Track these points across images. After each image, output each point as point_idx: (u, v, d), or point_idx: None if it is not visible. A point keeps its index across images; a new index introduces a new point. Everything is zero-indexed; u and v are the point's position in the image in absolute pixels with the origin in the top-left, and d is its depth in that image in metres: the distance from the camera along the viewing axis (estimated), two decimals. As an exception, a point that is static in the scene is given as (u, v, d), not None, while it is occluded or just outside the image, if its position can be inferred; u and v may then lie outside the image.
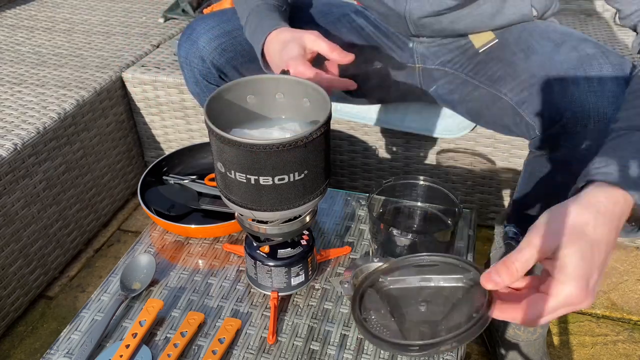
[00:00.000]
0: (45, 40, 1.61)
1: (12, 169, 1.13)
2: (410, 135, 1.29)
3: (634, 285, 1.27)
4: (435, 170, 1.35)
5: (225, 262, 0.93)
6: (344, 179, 1.46)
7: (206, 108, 0.68)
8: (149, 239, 0.99)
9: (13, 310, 1.20)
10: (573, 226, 0.53)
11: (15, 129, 1.18)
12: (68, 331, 0.82)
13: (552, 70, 0.80)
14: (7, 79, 1.39)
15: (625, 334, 1.16)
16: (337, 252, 0.94)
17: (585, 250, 0.53)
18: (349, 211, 1.03)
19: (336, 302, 0.86)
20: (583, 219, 0.54)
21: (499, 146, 1.27)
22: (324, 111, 0.68)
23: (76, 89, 1.34)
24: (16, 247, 1.17)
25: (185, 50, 0.99)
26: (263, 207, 0.70)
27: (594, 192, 0.56)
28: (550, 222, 0.54)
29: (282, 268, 0.83)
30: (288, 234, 0.79)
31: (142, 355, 0.77)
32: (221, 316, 0.84)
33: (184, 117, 1.48)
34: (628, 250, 1.35)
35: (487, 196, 1.37)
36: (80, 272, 1.35)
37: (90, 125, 1.35)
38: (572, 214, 0.54)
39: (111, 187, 1.48)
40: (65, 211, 1.31)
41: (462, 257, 0.70)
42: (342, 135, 1.37)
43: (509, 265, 0.53)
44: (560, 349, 1.13)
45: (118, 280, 0.88)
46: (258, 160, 0.64)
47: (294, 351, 0.79)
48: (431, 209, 1.02)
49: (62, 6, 1.86)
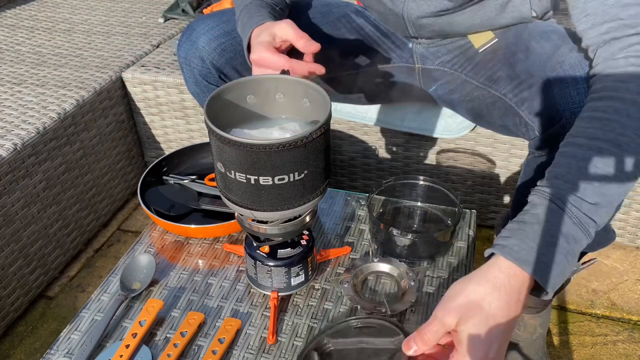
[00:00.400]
0: (45, 40, 1.61)
1: (12, 169, 1.13)
2: (410, 135, 1.29)
3: (634, 285, 1.27)
4: (435, 170, 1.35)
5: (225, 262, 0.93)
6: (344, 179, 1.46)
7: (206, 108, 0.68)
8: (149, 239, 0.99)
9: (13, 310, 1.20)
10: (469, 302, 0.59)
11: (15, 129, 1.18)
12: (68, 331, 0.82)
13: (552, 71, 0.80)
14: (7, 79, 1.39)
15: (625, 334, 1.16)
16: (337, 252, 0.94)
17: (480, 325, 0.58)
18: (349, 211, 1.03)
19: (336, 302, 0.86)
20: (479, 295, 0.59)
21: (499, 146, 1.27)
22: (324, 111, 0.68)
23: (76, 89, 1.34)
24: (16, 247, 1.17)
25: (185, 50, 0.99)
26: (263, 207, 0.70)
27: (493, 265, 0.61)
28: (452, 297, 0.60)
29: (282, 268, 0.83)
30: (288, 234, 0.79)
31: (142, 355, 0.77)
32: (221, 316, 0.84)
33: (184, 117, 1.48)
34: (628, 250, 1.35)
35: (487, 196, 1.37)
36: (80, 272, 1.35)
37: (90, 125, 1.35)
38: (469, 290, 0.60)
39: (111, 187, 1.48)
40: (65, 211, 1.31)
41: (395, 321, 0.79)
42: (342, 135, 1.37)
43: (422, 336, 0.60)
44: (560, 349, 1.13)
45: (118, 280, 0.88)
46: (258, 160, 0.64)
47: (294, 351, 0.79)
48: (431, 209, 1.02)
49: (62, 6, 1.85)
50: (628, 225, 1.33)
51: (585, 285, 1.27)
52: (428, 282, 0.89)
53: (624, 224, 1.32)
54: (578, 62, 0.78)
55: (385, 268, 0.90)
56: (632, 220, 1.31)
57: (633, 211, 1.29)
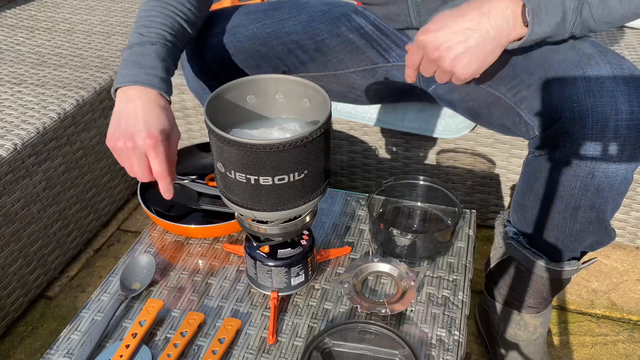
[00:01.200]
0: (45, 40, 1.61)
1: (12, 169, 1.13)
2: (410, 135, 1.29)
3: (634, 285, 1.27)
4: (435, 170, 1.35)
5: (225, 262, 0.93)
6: (344, 179, 1.46)
7: (206, 108, 0.68)
8: (149, 239, 0.99)
9: (13, 310, 1.20)
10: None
11: (15, 129, 1.18)
12: (68, 331, 0.82)
13: (551, 70, 0.80)
14: (7, 79, 1.39)
15: (625, 334, 1.16)
16: (337, 252, 0.94)
17: (447, 15, 0.76)
18: (349, 211, 1.03)
19: (336, 302, 0.86)
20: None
21: (499, 146, 1.28)
22: (324, 111, 0.68)
23: (76, 89, 1.34)
24: (16, 247, 1.17)
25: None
26: (263, 207, 0.70)
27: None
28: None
29: (282, 268, 0.83)
30: (288, 234, 0.79)
31: (142, 355, 0.77)
32: (221, 316, 0.84)
33: (184, 117, 1.48)
34: (628, 250, 1.35)
35: (487, 196, 1.37)
36: (80, 272, 1.35)
37: (90, 125, 1.35)
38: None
39: (111, 187, 1.48)
40: (65, 211, 1.31)
41: (401, 333, 0.79)
42: (342, 135, 1.37)
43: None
44: (560, 349, 1.13)
45: (118, 280, 0.88)
46: (258, 160, 0.65)
47: (294, 351, 0.79)
48: (431, 209, 1.02)
49: (62, 6, 1.85)
50: (628, 225, 1.33)
51: (585, 285, 1.27)
52: (428, 282, 0.89)
53: (624, 224, 1.32)
54: (577, 61, 0.78)
55: (385, 268, 0.90)
56: (632, 220, 1.31)
57: (633, 211, 1.29)
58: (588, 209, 0.82)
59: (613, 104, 0.73)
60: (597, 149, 0.75)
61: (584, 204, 0.81)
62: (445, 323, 0.82)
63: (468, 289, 0.88)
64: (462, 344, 0.79)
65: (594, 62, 0.77)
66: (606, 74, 0.75)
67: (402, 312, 0.84)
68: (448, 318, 0.83)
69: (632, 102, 0.73)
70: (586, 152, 0.76)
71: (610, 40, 1.44)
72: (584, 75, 0.76)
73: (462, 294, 0.87)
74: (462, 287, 0.88)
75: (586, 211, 0.82)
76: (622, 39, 1.44)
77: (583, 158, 0.77)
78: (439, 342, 0.79)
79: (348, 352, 0.77)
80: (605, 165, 0.76)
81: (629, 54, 1.36)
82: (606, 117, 0.73)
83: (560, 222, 0.85)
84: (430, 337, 0.80)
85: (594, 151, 0.75)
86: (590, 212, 0.82)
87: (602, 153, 0.75)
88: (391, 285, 0.89)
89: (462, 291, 0.87)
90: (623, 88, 0.74)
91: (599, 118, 0.74)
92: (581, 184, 0.79)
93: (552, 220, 0.86)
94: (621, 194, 0.81)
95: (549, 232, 0.88)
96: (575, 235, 0.86)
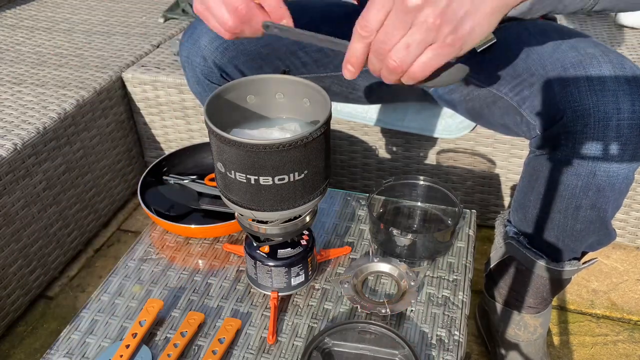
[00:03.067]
0: (45, 40, 1.61)
1: (12, 169, 1.13)
2: (410, 135, 1.29)
3: (634, 285, 1.27)
4: (435, 170, 1.35)
5: (225, 262, 0.93)
6: (344, 179, 1.46)
7: (206, 108, 0.68)
8: (149, 239, 0.99)
9: (13, 310, 1.20)
10: None
11: (15, 129, 1.18)
12: (68, 331, 0.82)
13: (552, 69, 0.80)
14: (7, 79, 1.39)
15: (625, 334, 1.16)
16: (337, 252, 0.94)
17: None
18: (349, 211, 1.03)
19: (336, 302, 0.86)
20: None
21: (499, 146, 1.27)
22: (324, 111, 0.68)
23: (76, 89, 1.34)
24: (16, 247, 1.17)
25: (187, 49, 0.99)
26: (263, 207, 0.69)
27: None
28: None
29: (282, 268, 0.83)
30: (288, 234, 0.79)
31: (142, 355, 0.77)
32: (221, 316, 0.84)
33: (184, 117, 1.48)
34: (628, 250, 1.35)
35: (487, 196, 1.37)
36: (80, 272, 1.35)
37: (90, 125, 1.35)
38: None
39: (111, 187, 1.48)
40: (65, 211, 1.31)
41: (401, 333, 0.79)
42: (342, 135, 1.37)
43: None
44: (560, 349, 1.13)
45: (118, 280, 0.88)
46: (258, 160, 0.64)
47: (294, 351, 0.79)
48: (431, 209, 1.02)
49: (62, 6, 1.85)
50: (628, 225, 1.33)
51: (585, 285, 1.27)
52: (428, 282, 0.89)
53: (624, 224, 1.32)
54: (579, 61, 0.78)
55: (385, 268, 0.89)
56: (632, 220, 1.31)
57: (633, 211, 1.29)
58: (589, 209, 0.82)
59: (615, 104, 0.73)
60: (599, 148, 0.75)
61: (585, 203, 0.81)
62: (445, 323, 0.82)
63: (468, 289, 0.88)
64: (462, 344, 0.79)
65: (596, 62, 0.77)
66: (608, 74, 0.75)
67: (402, 312, 0.84)
68: (448, 318, 0.83)
69: (634, 102, 0.73)
70: (588, 151, 0.76)
71: (610, 40, 1.44)
72: (586, 75, 0.76)
73: (462, 294, 0.87)
74: (462, 287, 0.88)
75: (587, 211, 0.82)
76: (622, 39, 1.44)
77: (584, 157, 0.77)
78: (439, 342, 0.79)
79: (348, 352, 0.77)
80: (606, 164, 0.76)
81: (629, 54, 1.36)
82: (608, 117, 0.73)
83: (561, 221, 0.85)
84: (430, 337, 0.80)
85: (596, 151, 0.75)
86: (592, 211, 0.82)
87: (604, 152, 0.75)
88: (391, 285, 0.88)
89: (462, 291, 0.87)
90: (625, 87, 0.73)
91: (601, 117, 0.74)
92: (582, 184, 0.79)
93: (553, 219, 0.86)
94: (622, 193, 0.81)
95: (549, 232, 0.88)
96: (576, 235, 0.86)
